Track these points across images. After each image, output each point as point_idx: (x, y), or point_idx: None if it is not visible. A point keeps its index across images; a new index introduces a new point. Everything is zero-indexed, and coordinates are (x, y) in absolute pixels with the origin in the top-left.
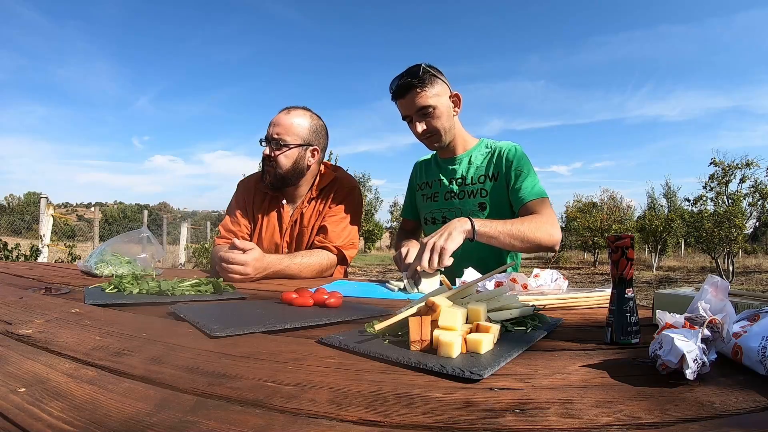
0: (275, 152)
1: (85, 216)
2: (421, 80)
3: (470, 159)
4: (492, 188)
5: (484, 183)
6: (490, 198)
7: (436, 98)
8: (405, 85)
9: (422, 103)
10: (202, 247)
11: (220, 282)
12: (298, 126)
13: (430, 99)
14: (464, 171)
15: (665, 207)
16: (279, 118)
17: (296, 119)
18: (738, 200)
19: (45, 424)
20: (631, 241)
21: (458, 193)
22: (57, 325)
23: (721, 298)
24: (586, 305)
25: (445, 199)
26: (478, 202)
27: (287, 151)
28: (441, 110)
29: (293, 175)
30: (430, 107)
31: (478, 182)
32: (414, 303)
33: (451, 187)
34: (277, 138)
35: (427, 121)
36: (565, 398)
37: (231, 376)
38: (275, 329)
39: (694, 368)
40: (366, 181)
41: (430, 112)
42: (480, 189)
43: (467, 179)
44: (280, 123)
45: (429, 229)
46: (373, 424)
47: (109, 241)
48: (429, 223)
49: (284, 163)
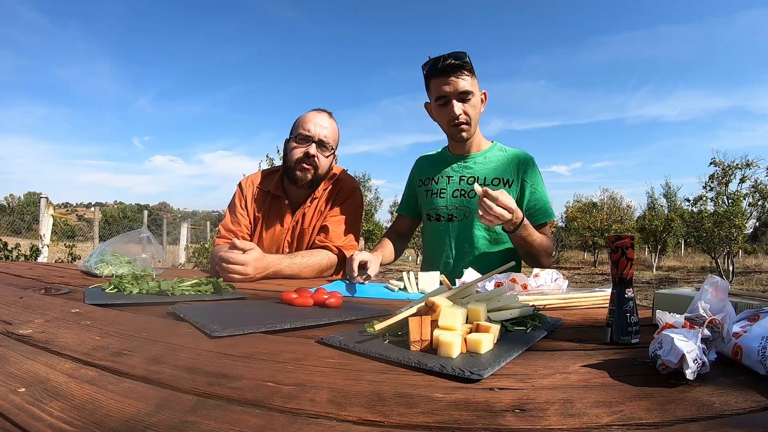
0: (325, 153)
1: (85, 216)
2: (468, 65)
3: (485, 159)
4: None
5: (498, 186)
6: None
7: (475, 88)
8: (454, 65)
9: (466, 87)
10: (202, 247)
11: (220, 282)
12: (336, 132)
13: (471, 86)
14: (478, 170)
15: (665, 207)
16: (324, 120)
17: (335, 125)
18: (738, 200)
19: (45, 424)
20: (631, 241)
21: (468, 192)
22: (57, 325)
23: (721, 298)
24: (586, 305)
25: (453, 196)
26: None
27: (329, 155)
28: (476, 101)
29: (324, 178)
30: (471, 93)
31: (491, 184)
32: (414, 303)
33: (462, 185)
34: (326, 141)
35: (465, 107)
36: (565, 398)
37: (231, 376)
38: (275, 329)
39: (694, 368)
40: (366, 181)
41: (469, 99)
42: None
43: (479, 179)
44: (328, 126)
45: (433, 226)
46: (373, 424)
47: (109, 241)
48: (433, 220)
49: (324, 166)
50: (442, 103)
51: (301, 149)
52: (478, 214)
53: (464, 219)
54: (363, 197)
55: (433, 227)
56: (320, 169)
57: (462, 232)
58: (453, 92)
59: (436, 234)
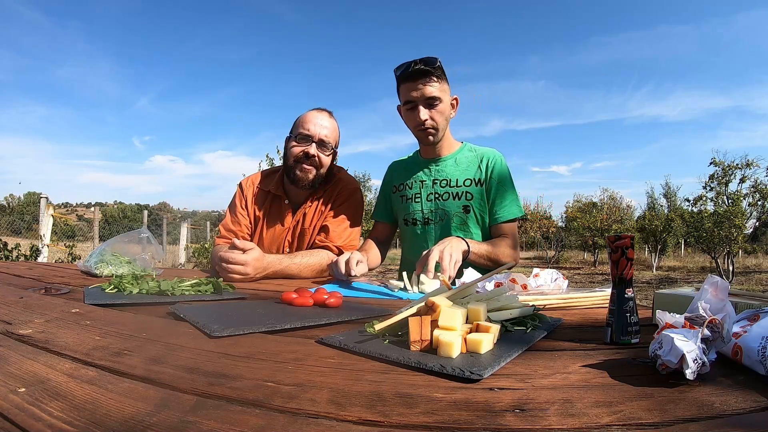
0: (325, 153)
1: (85, 216)
2: (437, 72)
3: (456, 161)
4: (477, 192)
5: (470, 186)
6: (475, 201)
7: (444, 94)
8: (422, 71)
9: (432, 93)
10: (202, 247)
11: (220, 282)
12: (335, 130)
13: (439, 92)
14: (449, 173)
15: (665, 207)
16: (324, 120)
17: (335, 124)
18: (738, 200)
19: (45, 424)
20: (631, 241)
21: (442, 195)
22: (57, 325)
23: (721, 298)
24: (586, 305)
25: (427, 200)
26: (463, 205)
27: (329, 154)
28: (444, 106)
29: (325, 177)
30: (438, 99)
31: (463, 185)
32: (414, 303)
33: (435, 188)
34: (326, 140)
35: (432, 113)
36: (565, 398)
37: (231, 376)
38: (275, 329)
39: (694, 368)
40: (366, 181)
41: (436, 105)
42: (465, 192)
43: (452, 181)
44: (328, 126)
45: (410, 230)
46: (373, 424)
47: (109, 241)
48: (410, 224)
49: (325, 165)
50: (410, 108)
51: (301, 148)
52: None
53: (440, 222)
54: (363, 197)
55: (410, 231)
56: (321, 168)
57: (440, 235)
58: (420, 97)
59: (414, 238)
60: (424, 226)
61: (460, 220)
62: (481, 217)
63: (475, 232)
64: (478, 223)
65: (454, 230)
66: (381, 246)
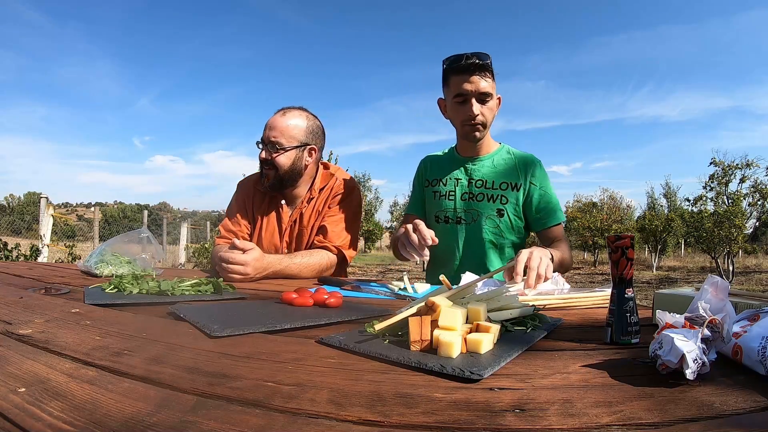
0: (272, 155)
1: (85, 216)
2: (490, 67)
3: (493, 162)
4: (512, 197)
5: (506, 190)
6: (509, 206)
7: (494, 91)
8: (478, 65)
9: (486, 89)
10: (202, 247)
11: (220, 282)
12: (294, 127)
13: (491, 88)
14: (486, 173)
15: (665, 207)
16: (274, 121)
17: (292, 121)
18: (738, 200)
19: (45, 424)
20: (631, 241)
21: (476, 195)
22: (57, 325)
23: (721, 298)
24: (586, 305)
25: (461, 198)
26: (497, 208)
27: (284, 153)
28: (494, 103)
29: (291, 177)
30: (489, 96)
31: (499, 188)
32: (414, 303)
33: (470, 188)
34: (274, 141)
35: (482, 108)
36: (565, 398)
37: (231, 376)
38: (275, 329)
39: (694, 368)
40: (366, 181)
41: (488, 101)
42: (501, 195)
43: (488, 182)
44: (276, 126)
45: (441, 227)
46: (373, 424)
47: (109, 241)
48: (441, 222)
49: (283, 164)
50: (460, 101)
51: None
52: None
53: (472, 222)
54: (362, 197)
55: (440, 229)
56: (279, 169)
57: (470, 235)
58: (474, 92)
59: (444, 236)
60: (455, 224)
61: (493, 223)
62: (515, 221)
63: (509, 237)
64: (511, 228)
65: (485, 233)
66: None
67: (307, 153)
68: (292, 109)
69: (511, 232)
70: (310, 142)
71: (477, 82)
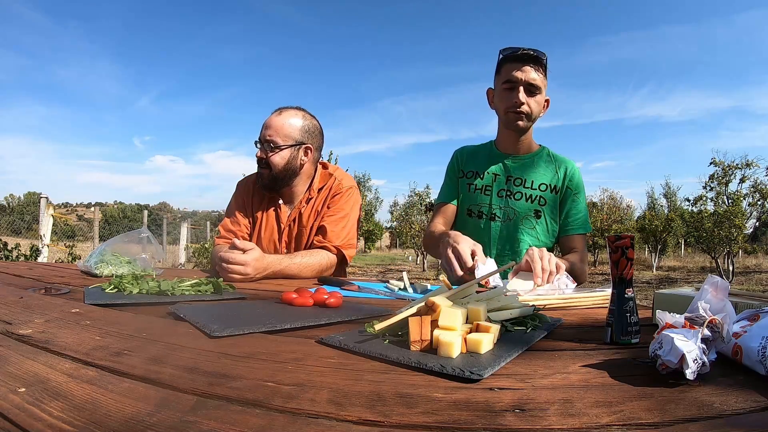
0: (268, 154)
1: (85, 216)
2: (545, 65)
3: (533, 162)
4: (551, 199)
5: (545, 192)
6: (547, 208)
7: (544, 87)
8: (532, 56)
9: (536, 81)
10: (202, 247)
11: (220, 282)
12: (289, 126)
13: (541, 83)
14: (526, 172)
15: (665, 207)
16: (270, 120)
17: (288, 120)
18: (738, 200)
19: (45, 424)
20: (631, 241)
21: (514, 193)
22: (57, 325)
23: (721, 298)
24: (586, 305)
25: (498, 195)
26: (535, 209)
27: (279, 151)
28: (541, 99)
29: (287, 175)
30: (538, 89)
31: (538, 189)
32: (414, 303)
33: (508, 185)
34: (269, 140)
35: (529, 99)
36: (565, 398)
37: (231, 376)
38: (275, 329)
39: (694, 368)
40: (366, 181)
41: (536, 94)
42: (539, 196)
43: (527, 182)
44: (271, 125)
45: (473, 222)
46: (373, 424)
47: (109, 241)
48: (474, 216)
49: (277, 164)
50: (509, 87)
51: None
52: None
53: (507, 221)
54: (361, 196)
55: (472, 223)
56: (274, 168)
57: (504, 233)
58: (523, 80)
59: (475, 231)
60: (488, 221)
61: (530, 224)
62: (552, 225)
63: (543, 240)
64: (547, 231)
65: (521, 233)
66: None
67: (302, 152)
68: (289, 109)
69: (546, 235)
70: (306, 141)
71: (528, 72)
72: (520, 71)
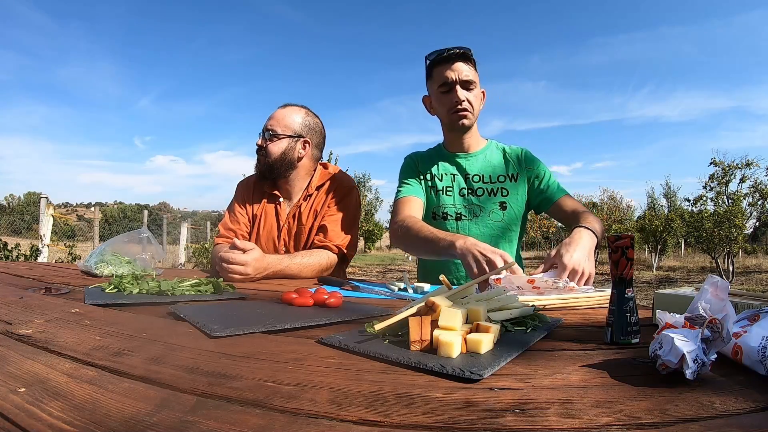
0: (267, 142)
1: (85, 216)
2: (473, 59)
3: (486, 156)
4: (512, 188)
5: (505, 182)
6: (511, 198)
7: (477, 81)
8: (463, 54)
9: (469, 76)
10: (202, 247)
11: (220, 282)
12: (290, 119)
13: (474, 77)
14: (482, 168)
15: (665, 207)
16: (274, 112)
17: (290, 113)
18: (738, 200)
19: (45, 424)
20: (631, 241)
21: (476, 190)
22: (57, 325)
23: (721, 298)
24: (586, 305)
25: (459, 194)
26: (499, 201)
27: (277, 141)
28: (478, 92)
29: (282, 165)
30: (473, 83)
31: (498, 181)
32: (414, 303)
33: (468, 183)
34: (270, 129)
35: (467, 95)
36: (565, 398)
37: (231, 376)
38: (275, 329)
39: (694, 368)
40: (366, 181)
41: (472, 89)
42: (500, 188)
43: (485, 177)
44: (274, 116)
45: (439, 225)
46: (373, 424)
47: (109, 241)
48: (439, 219)
49: (274, 152)
50: (445, 90)
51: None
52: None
53: (474, 218)
54: (361, 196)
55: (440, 226)
56: (270, 155)
57: (474, 231)
58: (457, 79)
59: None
60: (455, 221)
61: (498, 216)
62: (519, 212)
63: (514, 229)
64: (517, 220)
65: (491, 227)
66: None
67: (300, 145)
68: (294, 105)
69: (516, 223)
70: (305, 135)
71: (459, 70)
72: (451, 71)
